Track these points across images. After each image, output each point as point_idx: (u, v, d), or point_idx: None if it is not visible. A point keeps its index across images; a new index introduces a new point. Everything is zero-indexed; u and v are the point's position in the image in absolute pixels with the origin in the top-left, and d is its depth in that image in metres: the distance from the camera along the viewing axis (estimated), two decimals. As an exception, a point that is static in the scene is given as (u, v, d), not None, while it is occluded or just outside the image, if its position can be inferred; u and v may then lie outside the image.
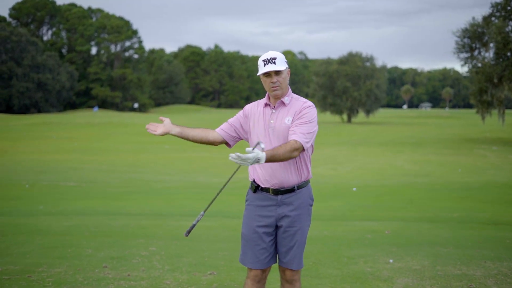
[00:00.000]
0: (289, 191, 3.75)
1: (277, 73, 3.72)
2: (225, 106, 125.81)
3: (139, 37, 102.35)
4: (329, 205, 12.76)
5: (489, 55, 37.01)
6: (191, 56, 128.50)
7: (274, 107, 3.80)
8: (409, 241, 7.64)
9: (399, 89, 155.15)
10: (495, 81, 34.89)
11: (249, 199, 3.85)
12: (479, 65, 36.73)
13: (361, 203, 13.38)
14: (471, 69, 37.71)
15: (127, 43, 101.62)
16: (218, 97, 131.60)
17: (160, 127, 3.81)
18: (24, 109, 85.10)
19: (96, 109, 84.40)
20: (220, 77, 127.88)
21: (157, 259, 6.30)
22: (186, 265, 6.00)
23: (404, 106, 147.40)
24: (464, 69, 74.13)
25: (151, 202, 13.53)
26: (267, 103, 3.83)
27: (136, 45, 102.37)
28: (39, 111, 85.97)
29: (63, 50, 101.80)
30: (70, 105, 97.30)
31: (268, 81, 3.74)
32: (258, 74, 3.78)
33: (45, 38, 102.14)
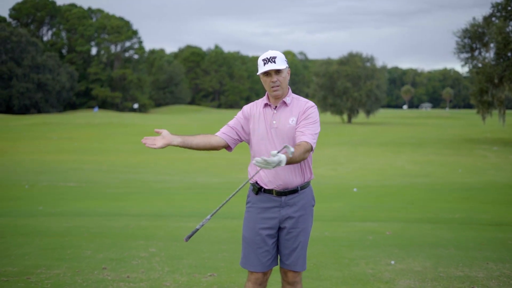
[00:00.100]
0: (293, 192, 3.72)
1: (277, 72, 3.67)
2: (225, 107, 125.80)
3: (139, 38, 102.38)
4: (329, 205, 12.71)
5: (489, 55, 36.97)
6: (191, 56, 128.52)
7: (276, 107, 3.74)
8: (410, 242, 7.59)
9: (399, 90, 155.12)
10: (496, 81, 34.85)
11: (250, 201, 3.78)
12: (480, 65, 36.70)
13: (362, 203, 13.34)
14: (472, 70, 37.68)
15: (127, 44, 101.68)
16: (218, 98, 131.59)
17: (158, 140, 3.61)
18: (24, 110, 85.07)
19: (96, 109, 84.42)
20: (220, 77, 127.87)
21: (156, 260, 6.25)
22: (186, 267, 5.95)
23: (405, 107, 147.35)
24: (464, 70, 73.96)
25: (151, 202, 13.49)
26: (267, 103, 3.76)
27: (136, 46, 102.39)
28: (39, 111, 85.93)
29: (63, 51, 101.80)
30: (70, 106, 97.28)
31: (268, 81, 3.69)
32: (258, 73, 3.72)
33: (45, 38, 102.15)
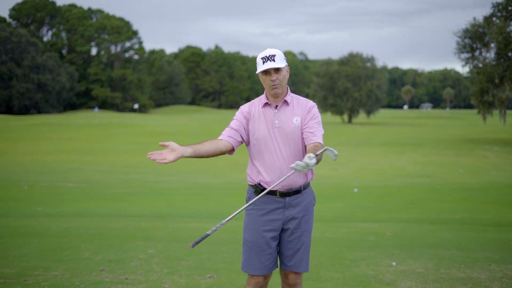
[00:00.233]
0: (296, 192, 3.67)
1: (277, 70, 3.60)
2: (225, 107, 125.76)
3: (139, 38, 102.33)
4: (330, 206, 12.65)
5: (490, 55, 36.87)
6: (191, 56, 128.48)
7: (276, 106, 3.67)
8: (411, 243, 7.53)
9: (399, 90, 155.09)
10: (496, 81, 34.76)
11: (252, 203, 3.71)
12: (480, 65, 36.60)
13: (362, 204, 13.28)
14: (472, 70, 37.58)
15: (127, 44, 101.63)
16: (218, 98, 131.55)
17: (168, 153, 3.32)
18: (24, 110, 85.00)
19: (96, 109, 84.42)
20: (221, 77, 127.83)
21: (155, 262, 6.20)
22: (185, 268, 5.90)
23: (405, 107, 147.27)
24: (465, 70, 73.96)
25: (151, 203, 13.43)
26: (267, 103, 3.69)
27: (136, 46, 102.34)
28: (39, 112, 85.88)
29: (63, 51, 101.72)
30: (70, 106, 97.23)
31: (267, 79, 3.62)
32: (257, 72, 3.65)
33: (45, 38, 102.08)
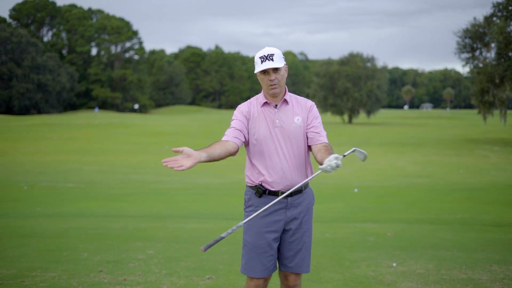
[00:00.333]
0: (297, 192, 3.63)
1: (275, 70, 3.55)
2: (225, 107, 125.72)
3: (139, 38, 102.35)
4: (330, 206, 12.60)
5: (490, 55, 36.83)
6: (191, 57, 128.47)
7: (276, 106, 3.63)
8: (412, 243, 7.48)
9: (400, 90, 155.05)
10: (497, 81, 34.72)
11: (253, 204, 3.63)
12: (481, 65, 36.56)
13: (363, 204, 13.23)
14: (473, 70, 37.53)
15: (128, 44, 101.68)
16: (218, 98, 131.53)
17: (184, 160, 3.13)
18: (24, 110, 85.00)
19: (96, 110, 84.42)
20: (221, 77, 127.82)
21: (154, 262, 6.15)
22: (184, 269, 5.85)
23: (405, 107, 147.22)
24: (465, 70, 73.87)
25: (150, 203, 13.38)
26: (266, 102, 3.64)
27: (136, 46, 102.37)
28: (39, 112, 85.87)
29: (63, 51, 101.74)
30: (71, 106, 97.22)
31: (266, 79, 3.56)
32: (255, 71, 3.60)
33: (45, 39, 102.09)
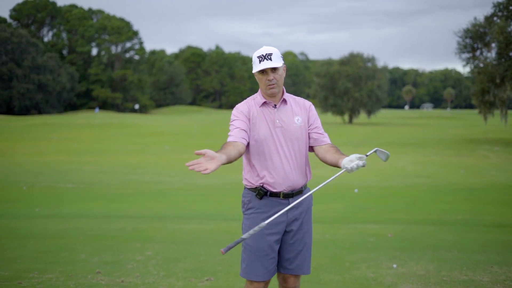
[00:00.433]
0: (298, 193, 3.59)
1: (274, 69, 3.50)
2: (226, 107, 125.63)
3: (139, 38, 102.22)
4: (330, 207, 12.55)
5: (491, 55, 36.77)
6: (192, 57, 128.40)
7: (276, 106, 3.58)
8: (412, 244, 7.43)
9: (400, 90, 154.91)
10: (497, 81, 34.66)
11: (253, 206, 3.57)
12: (481, 65, 36.50)
13: (363, 205, 13.18)
14: (473, 70, 37.47)
15: (128, 44, 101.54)
16: (219, 98, 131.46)
17: (208, 162, 3.05)
18: (24, 111, 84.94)
19: (97, 110, 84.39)
20: (221, 78, 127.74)
21: (152, 264, 6.11)
22: (182, 271, 5.80)
23: (406, 107, 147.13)
24: (466, 70, 73.76)
25: (149, 204, 13.34)
26: (266, 102, 3.58)
27: (136, 46, 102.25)
28: (40, 112, 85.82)
29: (63, 51, 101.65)
30: (71, 107, 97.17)
31: (264, 79, 3.51)
32: (253, 71, 3.55)
33: (45, 39, 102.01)
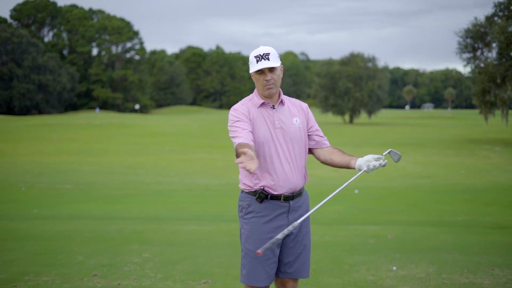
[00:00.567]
0: (298, 195, 3.53)
1: (271, 70, 3.43)
2: (226, 107, 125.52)
3: (140, 38, 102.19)
4: (330, 208, 12.47)
5: (492, 55, 36.69)
6: (192, 57, 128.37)
7: (274, 106, 3.51)
8: (413, 246, 7.36)
9: (401, 90, 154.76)
10: (498, 81, 34.58)
11: (253, 210, 3.47)
12: (482, 65, 36.43)
13: (363, 205, 13.10)
14: (474, 70, 37.39)
15: (128, 44, 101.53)
16: (219, 98, 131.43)
17: (249, 163, 3.06)
18: (25, 111, 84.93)
19: (97, 110, 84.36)
20: (222, 78, 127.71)
21: (150, 266, 6.04)
22: (179, 273, 5.74)
23: (406, 107, 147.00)
24: (466, 70, 73.78)
25: (149, 205, 13.26)
26: (264, 102, 3.51)
27: (137, 46, 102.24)
28: (40, 112, 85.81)
29: (64, 51, 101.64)
30: (71, 107, 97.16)
31: (261, 79, 3.44)
32: (250, 71, 3.48)
33: (46, 39, 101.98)
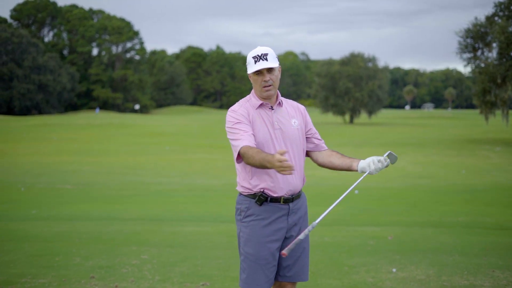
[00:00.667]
0: (297, 197, 3.48)
1: (270, 70, 3.39)
2: (226, 107, 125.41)
3: (140, 38, 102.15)
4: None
5: (492, 55, 36.64)
6: (192, 57, 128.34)
7: (272, 107, 3.47)
8: (413, 247, 7.32)
9: (401, 90, 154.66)
10: (499, 81, 34.53)
11: (253, 213, 3.41)
12: (482, 65, 36.38)
13: (363, 206, 13.05)
14: (474, 70, 37.34)
15: (128, 44, 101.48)
16: (220, 98, 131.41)
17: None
18: (25, 111, 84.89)
19: (97, 110, 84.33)
20: (222, 78, 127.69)
21: (148, 268, 6.00)
22: (178, 275, 5.70)
23: (407, 107, 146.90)
24: (467, 70, 73.65)
25: (148, 205, 13.21)
26: (263, 103, 3.47)
27: (137, 46, 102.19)
28: (40, 112, 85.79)
29: (64, 52, 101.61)
30: (71, 107, 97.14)
31: (259, 80, 3.40)
32: (248, 72, 3.44)
33: (46, 39, 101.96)
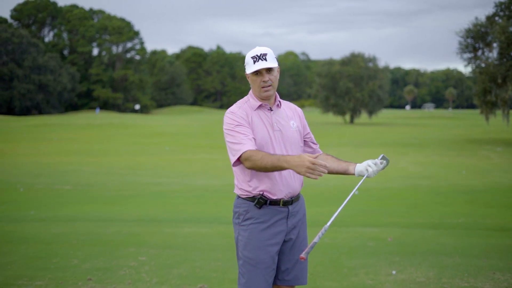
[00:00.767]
0: (296, 199, 3.44)
1: (269, 70, 3.35)
2: (227, 107, 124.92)
3: (140, 38, 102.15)
4: (329, 209, 12.36)
5: (492, 55, 36.59)
6: (193, 57, 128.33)
7: (271, 108, 3.42)
8: (413, 249, 7.26)
9: (402, 90, 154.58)
10: (499, 81, 34.49)
11: (252, 216, 3.35)
12: (483, 65, 36.34)
13: (363, 207, 12.99)
14: (475, 70, 37.30)
15: (129, 44, 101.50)
16: (220, 98, 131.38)
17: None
18: (25, 111, 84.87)
19: (98, 110, 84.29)
20: (222, 78, 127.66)
21: (145, 270, 5.95)
22: (175, 277, 5.65)
23: (407, 107, 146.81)
24: (467, 70, 73.53)
25: (147, 206, 13.16)
26: (261, 104, 3.42)
27: (137, 46, 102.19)
28: (40, 112, 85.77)
29: (64, 52, 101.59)
30: (72, 107, 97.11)
31: (258, 80, 3.35)
32: (247, 72, 3.39)
33: (46, 39, 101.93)
